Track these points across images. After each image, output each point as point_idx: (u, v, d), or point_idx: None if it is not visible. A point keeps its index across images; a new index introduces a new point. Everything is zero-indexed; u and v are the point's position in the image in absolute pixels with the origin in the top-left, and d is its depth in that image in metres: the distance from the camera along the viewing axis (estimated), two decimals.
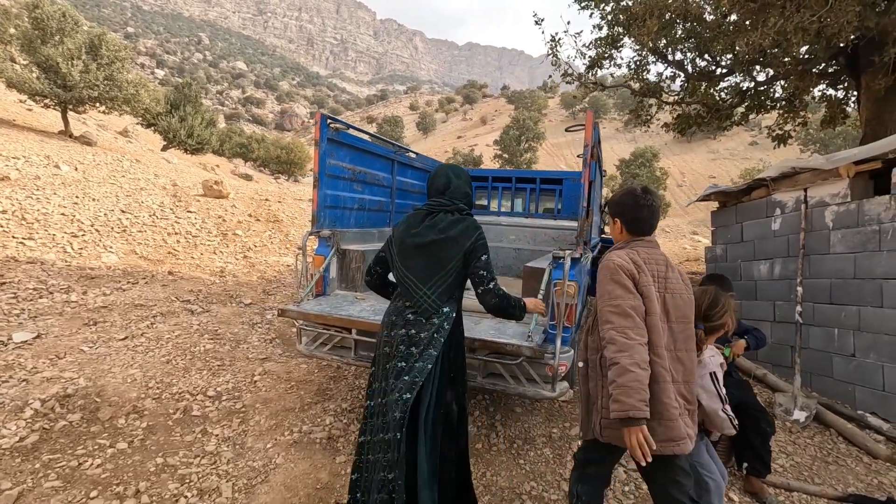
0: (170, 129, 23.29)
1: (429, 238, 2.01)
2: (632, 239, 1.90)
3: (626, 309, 1.66)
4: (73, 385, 3.41)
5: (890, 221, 3.79)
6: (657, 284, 1.77)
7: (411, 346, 1.97)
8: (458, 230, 2.01)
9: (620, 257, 1.78)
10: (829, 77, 7.82)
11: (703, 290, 2.02)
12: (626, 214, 1.91)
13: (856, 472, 3.05)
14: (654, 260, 1.81)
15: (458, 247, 1.99)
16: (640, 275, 1.74)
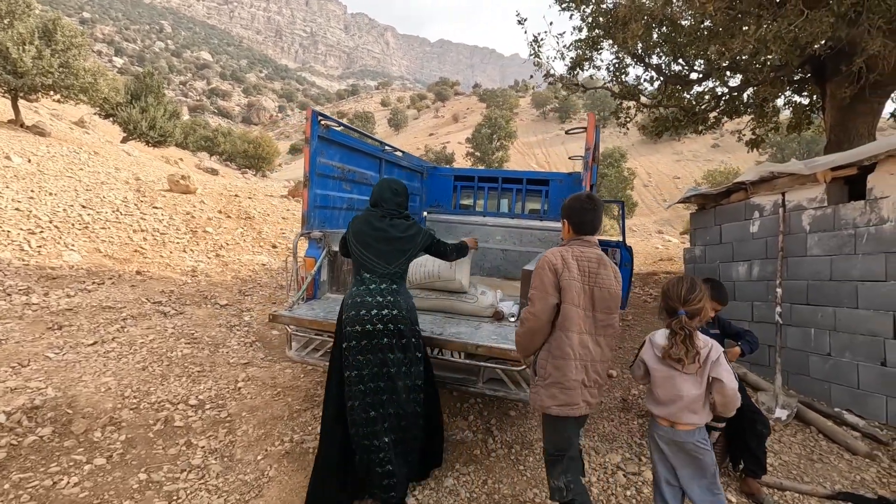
0: (130, 120, 22.24)
1: (394, 235, 2.63)
2: (574, 238, 2.19)
3: (537, 300, 2.06)
4: (40, 396, 3.17)
5: (865, 226, 3.94)
6: (586, 279, 2.08)
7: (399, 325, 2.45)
8: (414, 232, 2.71)
9: (553, 254, 2.11)
10: (795, 84, 8.14)
11: (680, 277, 2.14)
12: (573, 217, 2.20)
13: (839, 469, 3.16)
14: (585, 258, 2.10)
15: (415, 243, 2.69)
16: (563, 270, 2.05)
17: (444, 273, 3.33)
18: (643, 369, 2.17)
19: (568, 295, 2.03)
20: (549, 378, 2.07)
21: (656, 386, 2.09)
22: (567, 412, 2.07)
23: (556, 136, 65.68)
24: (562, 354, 2.04)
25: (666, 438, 2.07)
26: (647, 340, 2.17)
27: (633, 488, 2.77)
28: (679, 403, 2.01)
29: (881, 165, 3.85)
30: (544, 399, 2.09)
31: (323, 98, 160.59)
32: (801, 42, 5.40)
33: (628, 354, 5.34)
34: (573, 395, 2.06)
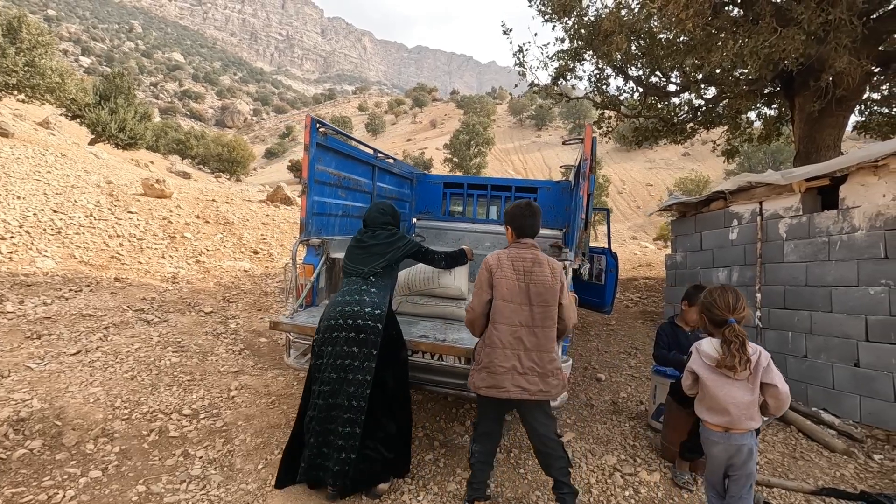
0: (99, 121, 21.61)
1: (371, 243, 2.82)
2: (514, 241, 2.47)
3: (475, 296, 2.39)
4: (26, 407, 3.06)
5: (838, 234, 4.16)
6: (521, 276, 2.35)
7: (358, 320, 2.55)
8: (394, 238, 2.89)
9: (492, 256, 2.41)
10: (765, 97, 8.52)
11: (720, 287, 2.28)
12: (514, 223, 2.48)
13: (820, 465, 3.32)
14: (521, 258, 2.38)
15: (392, 248, 2.83)
16: (497, 270, 2.34)
17: (443, 280, 3.37)
18: (692, 379, 2.26)
19: (498, 292, 2.32)
20: (481, 363, 2.36)
21: (708, 394, 2.16)
22: (493, 394, 2.33)
23: (532, 142, 66.66)
24: (491, 343, 2.33)
25: (721, 445, 2.14)
26: (695, 350, 2.26)
27: (630, 489, 2.84)
28: (734, 410, 2.08)
29: (852, 177, 4.08)
30: (476, 381, 2.38)
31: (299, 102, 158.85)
32: (773, 58, 5.68)
33: (614, 358, 5.47)
34: (500, 380, 2.31)
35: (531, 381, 2.31)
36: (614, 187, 47.07)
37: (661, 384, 3.58)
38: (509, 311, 2.32)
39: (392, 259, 2.82)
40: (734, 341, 2.07)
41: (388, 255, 2.80)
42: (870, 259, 3.88)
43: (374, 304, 2.61)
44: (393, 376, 2.69)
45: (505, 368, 2.30)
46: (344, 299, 2.63)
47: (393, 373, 2.69)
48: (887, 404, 3.70)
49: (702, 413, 2.23)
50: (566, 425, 3.65)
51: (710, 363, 2.15)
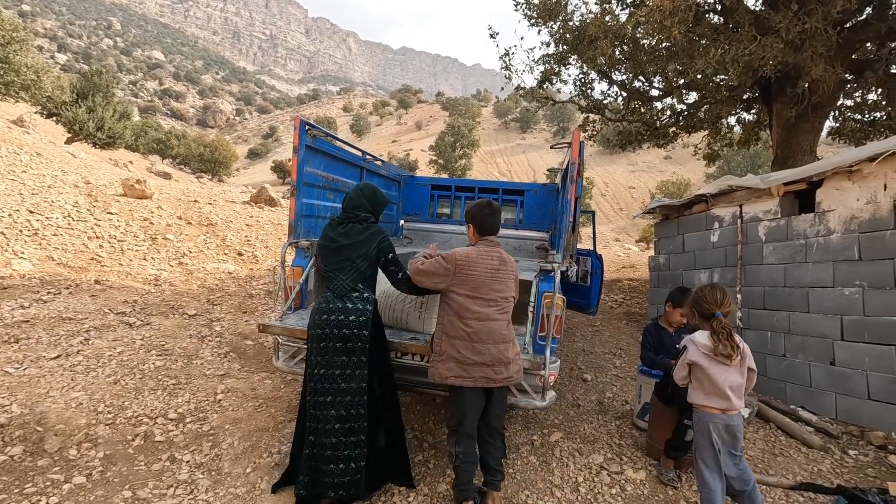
0: (76, 120, 21.13)
1: (343, 243, 2.62)
2: (479, 239, 2.56)
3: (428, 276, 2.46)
4: (5, 413, 2.99)
5: (814, 236, 4.30)
6: (489, 273, 2.45)
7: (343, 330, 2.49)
8: (364, 236, 2.64)
9: (461, 252, 2.48)
10: (744, 103, 8.74)
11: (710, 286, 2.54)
12: (476, 221, 2.58)
13: (798, 461, 3.42)
14: (489, 255, 2.49)
15: (366, 248, 2.62)
16: (466, 266, 2.43)
17: (412, 323, 3.10)
18: (687, 370, 2.47)
19: (467, 286, 2.41)
20: (445, 354, 2.43)
21: (708, 381, 2.38)
22: (459, 382, 2.40)
23: (517, 145, 67.07)
24: (457, 336, 2.40)
25: (721, 425, 2.37)
26: (690, 343, 2.46)
27: (617, 486, 2.90)
28: (730, 393, 2.34)
29: (828, 181, 4.22)
30: (442, 371, 2.42)
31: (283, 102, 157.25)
32: (753, 65, 5.84)
33: (600, 359, 5.55)
34: (470, 370, 2.39)
35: (497, 371, 2.43)
36: (598, 190, 47.67)
37: (646, 384, 3.65)
38: (477, 307, 2.40)
39: (366, 262, 2.63)
40: (721, 332, 2.35)
41: (360, 259, 2.60)
42: (845, 261, 4.01)
43: (357, 311, 2.53)
44: (379, 382, 2.64)
45: (474, 361, 2.38)
46: (328, 307, 2.54)
47: (379, 379, 2.63)
48: (861, 401, 3.83)
49: (699, 399, 2.43)
50: (553, 425, 3.69)
51: (707, 352, 2.37)
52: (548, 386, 2.78)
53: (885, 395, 3.68)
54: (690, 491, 2.92)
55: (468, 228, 2.61)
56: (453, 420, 2.50)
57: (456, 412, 2.49)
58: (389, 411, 2.73)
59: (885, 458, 3.40)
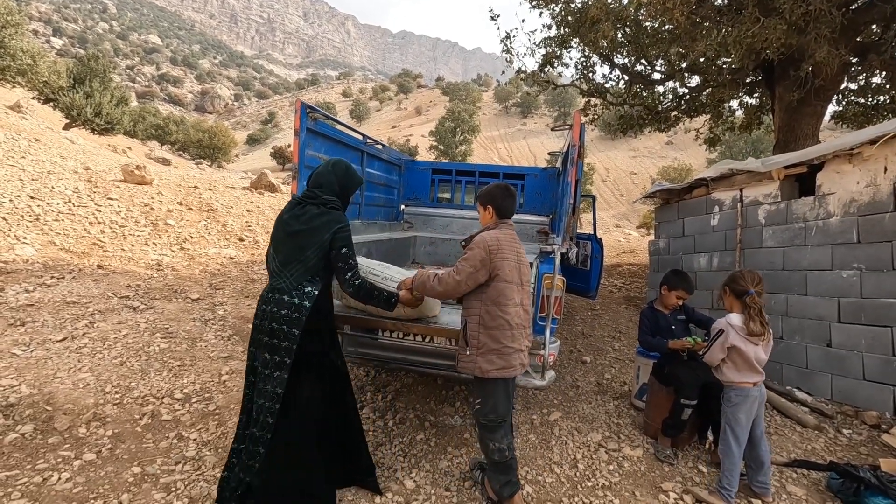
0: (73, 105, 20.98)
1: (294, 228, 2.30)
2: (499, 222, 2.46)
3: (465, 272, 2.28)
4: (14, 393, 3.04)
5: (814, 220, 4.31)
6: (515, 257, 2.37)
7: (272, 323, 2.21)
8: (320, 223, 2.30)
9: (490, 236, 2.34)
10: (747, 86, 8.68)
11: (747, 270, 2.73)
12: (495, 202, 2.47)
13: (793, 440, 3.48)
14: (512, 238, 2.42)
15: (318, 237, 2.27)
16: (498, 252, 2.30)
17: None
18: (726, 353, 2.62)
19: (502, 273, 2.30)
20: (484, 347, 2.29)
21: (742, 359, 2.59)
22: (505, 374, 2.31)
23: (518, 130, 66.61)
24: (497, 325, 2.28)
25: (759, 397, 2.62)
26: (727, 326, 2.60)
27: (614, 463, 2.96)
28: (760, 368, 2.61)
29: (829, 164, 4.22)
30: (482, 365, 2.29)
31: (282, 87, 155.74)
32: (755, 47, 5.79)
33: (599, 341, 5.61)
34: (510, 360, 2.31)
35: (525, 357, 2.43)
36: (598, 175, 47.48)
37: (644, 365, 3.71)
38: (511, 293, 2.32)
39: (318, 254, 2.27)
40: (753, 307, 2.54)
41: (312, 249, 2.26)
42: (843, 244, 4.04)
43: (292, 307, 2.20)
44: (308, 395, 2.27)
45: (514, 349, 2.32)
46: (266, 296, 2.27)
47: (309, 391, 2.28)
48: (856, 382, 3.89)
49: (733, 377, 2.63)
50: (553, 405, 3.76)
51: (742, 333, 2.55)
52: (547, 366, 2.82)
53: (879, 376, 3.74)
54: (686, 467, 2.99)
55: (485, 211, 2.49)
56: (493, 414, 2.33)
57: (497, 405, 2.34)
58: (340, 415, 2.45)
59: (878, 436, 3.47)
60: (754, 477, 2.71)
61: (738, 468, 2.61)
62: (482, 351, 2.29)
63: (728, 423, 2.65)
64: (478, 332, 2.31)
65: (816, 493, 2.79)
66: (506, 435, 2.37)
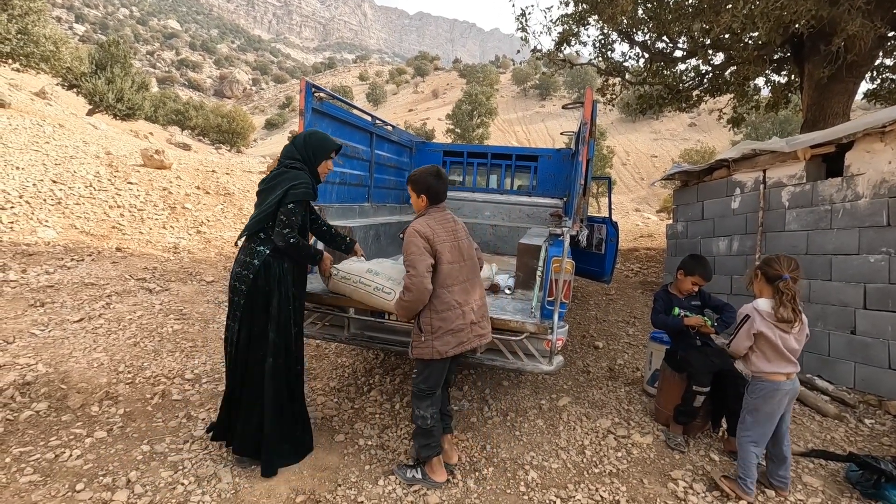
0: (96, 91, 21.29)
1: (259, 189, 2.53)
2: (432, 207, 2.47)
3: (418, 263, 2.28)
4: (31, 372, 3.13)
5: (841, 202, 4.12)
6: (452, 237, 2.42)
7: (232, 280, 2.45)
8: (278, 182, 2.45)
9: (420, 224, 2.36)
10: (774, 63, 8.29)
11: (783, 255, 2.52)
12: (430, 191, 2.45)
13: (811, 429, 3.37)
14: (445, 220, 2.45)
15: (273, 194, 2.41)
16: (434, 236, 2.33)
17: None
18: (752, 341, 2.46)
19: (443, 256, 2.34)
20: (438, 330, 2.34)
21: (771, 349, 2.42)
22: (460, 350, 2.38)
23: (536, 113, 65.49)
24: (447, 307, 2.35)
25: (790, 392, 2.45)
26: (753, 311, 2.44)
27: (623, 450, 2.91)
28: (794, 358, 2.42)
29: (858, 143, 4.00)
30: (438, 347, 2.34)
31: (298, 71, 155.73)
32: (784, 20, 5.49)
33: (613, 327, 5.52)
34: (463, 336, 2.38)
35: (483, 327, 2.48)
36: (618, 159, 46.46)
37: (656, 351, 3.62)
38: (455, 272, 2.38)
39: (267, 211, 2.39)
40: (786, 293, 2.37)
41: (263, 208, 2.41)
42: (871, 227, 3.85)
43: (242, 263, 2.40)
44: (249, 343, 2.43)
45: (465, 324, 2.38)
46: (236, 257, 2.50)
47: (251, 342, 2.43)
48: (881, 371, 3.73)
49: (763, 367, 2.45)
50: (562, 390, 3.71)
51: (770, 319, 2.39)
52: (555, 350, 2.76)
53: None
54: (697, 455, 2.92)
55: (418, 198, 2.46)
56: (424, 384, 2.42)
57: (435, 378, 2.43)
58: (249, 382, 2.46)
59: None
60: (775, 471, 2.58)
61: (756, 460, 2.50)
62: (437, 335, 2.34)
63: (750, 413, 2.52)
64: (430, 318, 2.35)
65: (833, 484, 2.70)
66: (432, 405, 2.44)
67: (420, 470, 2.49)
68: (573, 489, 2.50)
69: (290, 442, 2.55)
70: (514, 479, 2.58)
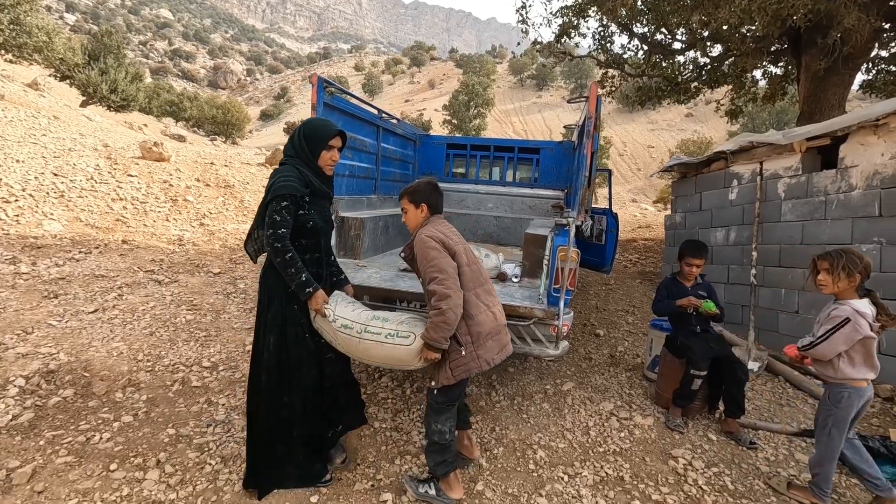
0: (89, 82, 21.11)
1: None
2: (432, 217, 2.33)
3: (444, 266, 2.10)
4: (54, 361, 3.23)
5: (835, 193, 4.24)
6: (460, 239, 2.29)
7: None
8: (268, 185, 2.17)
9: (430, 231, 2.21)
10: (772, 55, 8.39)
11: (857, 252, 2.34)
12: (431, 200, 2.33)
13: (804, 411, 3.53)
14: (448, 225, 2.33)
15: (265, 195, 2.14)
16: (447, 238, 2.19)
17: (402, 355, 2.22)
18: (849, 345, 2.23)
19: (461, 258, 2.19)
20: (479, 337, 2.15)
21: (864, 353, 2.25)
22: (504, 354, 2.26)
23: (533, 103, 65.32)
24: (479, 311, 2.16)
25: (866, 397, 2.30)
26: (854, 314, 2.19)
27: (625, 431, 3.05)
28: (877, 363, 2.27)
29: (853, 136, 4.12)
30: (484, 356, 2.15)
31: (293, 62, 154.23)
32: (781, 13, 5.58)
33: (613, 315, 5.66)
34: (502, 339, 2.26)
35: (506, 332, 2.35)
36: (615, 149, 46.56)
37: (657, 338, 3.75)
38: (475, 274, 2.24)
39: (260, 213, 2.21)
40: (881, 303, 2.25)
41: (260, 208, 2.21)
42: (864, 217, 3.98)
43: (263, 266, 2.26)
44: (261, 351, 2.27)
45: (500, 326, 2.25)
46: None
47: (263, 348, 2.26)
48: None
49: (849, 373, 2.27)
50: (566, 376, 3.84)
51: (872, 322, 2.20)
52: (561, 336, 2.89)
53: (895, 350, 3.73)
54: (696, 436, 3.07)
55: (416, 209, 2.31)
56: (446, 398, 2.24)
57: (457, 390, 2.26)
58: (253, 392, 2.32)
59: (891, 408, 3.50)
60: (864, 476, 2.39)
61: (833, 471, 2.40)
62: (479, 342, 2.15)
63: (834, 424, 2.33)
64: (466, 326, 2.14)
65: None
66: (451, 418, 2.28)
67: (434, 486, 2.33)
68: (579, 466, 2.64)
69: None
70: (524, 457, 2.71)
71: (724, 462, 2.80)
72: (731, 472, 2.69)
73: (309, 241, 2.27)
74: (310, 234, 2.25)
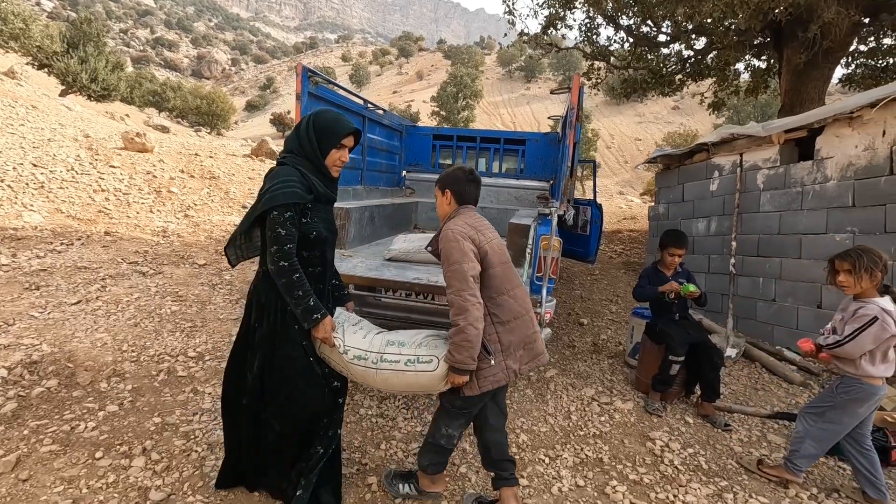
0: (69, 71, 20.62)
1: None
2: (461, 207, 2.10)
3: (464, 273, 1.85)
4: (37, 351, 3.21)
5: (811, 184, 4.36)
6: (494, 234, 2.07)
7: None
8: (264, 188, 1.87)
9: (459, 225, 1.97)
10: (754, 48, 8.50)
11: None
12: (459, 187, 2.09)
13: (778, 395, 3.65)
14: (481, 222, 2.07)
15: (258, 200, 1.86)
16: (478, 234, 1.96)
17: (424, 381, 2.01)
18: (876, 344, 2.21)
19: (492, 258, 1.97)
20: (510, 346, 1.96)
21: (886, 352, 2.24)
22: (536, 363, 2.05)
23: (521, 95, 65.29)
24: (514, 316, 1.98)
25: (881, 395, 2.31)
26: (881, 312, 2.17)
27: (606, 415, 3.13)
28: None
29: (828, 128, 4.23)
30: (513, 366, 1.96)
31: (279, 51, 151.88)
32: (763, 7, 5.67)
33: (597, 305, 5.75)
34: (537, 347, 2.04)
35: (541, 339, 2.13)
36: (603, 142, 46.78)
37: (637, 325, 3.84)
38: (509, 274, 2.02)
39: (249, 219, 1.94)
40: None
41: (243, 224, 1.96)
42: (838, 207, 4.10)
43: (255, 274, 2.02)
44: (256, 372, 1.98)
45: (536, 332, 2.04)
46: None
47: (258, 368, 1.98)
48: None
49: (870, 371, 2.26)
50: (549, 363, 3.92)
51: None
52: (544, 323, 2.95)
53: None
54: (674, 419, 3.16)
55: (443, 196, 2.13)
56: (460, 402, 2.02)
57: (481, 400, 2.05)
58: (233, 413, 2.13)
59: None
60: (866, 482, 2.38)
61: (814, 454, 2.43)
62: (509, 351, 1.95)
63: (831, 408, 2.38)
64: (496, 333, 1.94)
65: None
66: (466, 423, 2.12)
67: (413, 485, 2.21)
68: (560, 449, 2.72)
69: None
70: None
71: (700, 443, 2.89)
72: (705, 453, 2.78)
73: (311, 254, 1.95)
74: (313, 245, 1.94)
